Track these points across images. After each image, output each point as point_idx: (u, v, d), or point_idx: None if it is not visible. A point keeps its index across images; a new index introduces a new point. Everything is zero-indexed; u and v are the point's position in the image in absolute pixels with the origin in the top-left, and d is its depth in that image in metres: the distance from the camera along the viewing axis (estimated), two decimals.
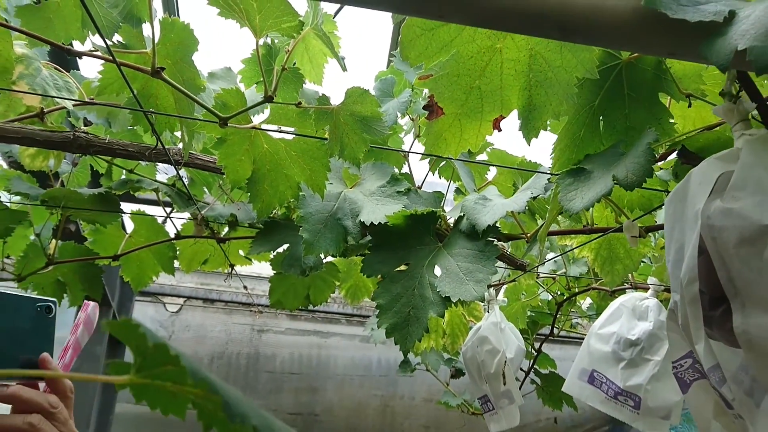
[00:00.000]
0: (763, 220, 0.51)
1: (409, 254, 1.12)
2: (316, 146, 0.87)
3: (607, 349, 1.56)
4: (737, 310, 0.54)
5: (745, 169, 0.54)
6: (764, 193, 0.52)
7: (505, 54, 0.78)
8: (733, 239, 0.53)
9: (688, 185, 0.60)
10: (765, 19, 0.51)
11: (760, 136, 0.56)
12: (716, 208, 0.55)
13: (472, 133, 0.83)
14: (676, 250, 0.61)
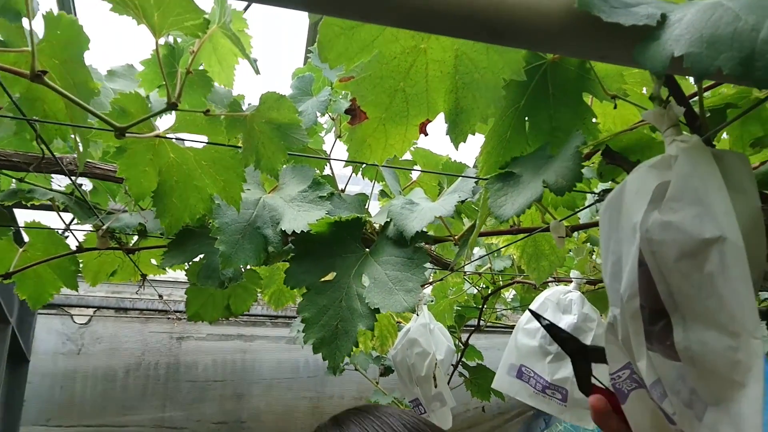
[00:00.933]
0: (703, 234, 0.50)
1: (334, 263, 1.06)
2: (229, 155, 0.80)
3: (534, 344, 1.58)
4: (678, 324, 0.52)
5: (681, 180, 0.52)
6: (701, 205, 0.51)
7: (430, 55, 0.74)
8: (672, 253, 0.51)
9: (623, 195, 0.58)
10: (698, 23, 0.49)
11: (693, 143, 0.55)
12: (654, 221, 0.52)
13: (397, 138, 0.78)
14: (613, 262, 0.59)
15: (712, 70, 0.46)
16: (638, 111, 1.04)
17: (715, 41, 0.47)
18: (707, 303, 0.50)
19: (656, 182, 0.55)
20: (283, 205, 1.13)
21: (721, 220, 0.49)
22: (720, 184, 0.51)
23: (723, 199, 0.50)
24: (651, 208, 0.54)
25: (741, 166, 0.56)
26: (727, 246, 0.49)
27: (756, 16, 0.46)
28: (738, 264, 0.48)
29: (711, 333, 0.49)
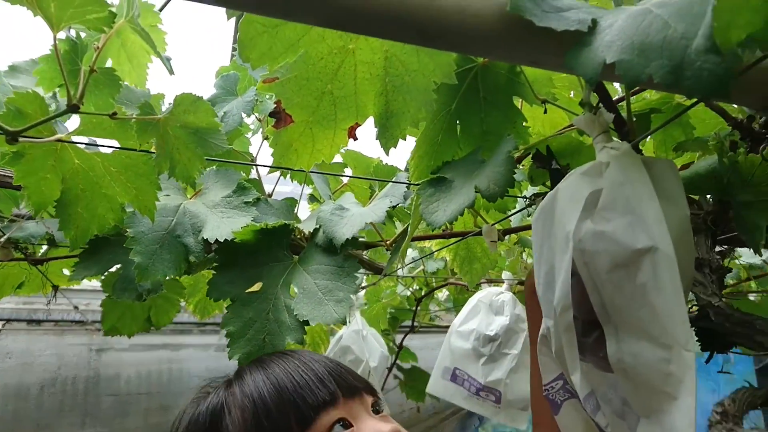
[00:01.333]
0: (635, 244, 0.49)
1: (261, 272, 1.01)
2: (142, 161, 0.73)
3: (468, 346, 1.58)
4: (610, 336, 0.51)
5: (614, 188, 0.52)
6: (633, 214, 0.50)
7: (359, 56, 0.71)
8: (605, 264, 0.50)
9: (555, 202, 0.57)
10: (629, 30, 0.49)
11: (624, 151, 0.54)
12: (587, 230, 0.51)
13: (325, 142, 0.74)
14: (546, 271, 0.57)
15: (644, 77, 0.45)
16: (567, 115, 1.05)
17: (646, 49, 0.46)
18: (640, 314, 0.49)
19: (588, 190, 0.54)
20: (206, 211, 1.07)
21: (653, 230, 0.49)
22: (651, 192, 0.51)
23: (654, 209, 0.50)
24: (584, 216, 0.53)
25: (670, 173, 0.56)
26: (659, 256, 0.48)
27: (685, 24, 0.46)
28: (669, 275, 0.48)
29: (643, 345, 0.49)
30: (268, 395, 0.61)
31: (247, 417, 0.60)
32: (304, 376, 0.63)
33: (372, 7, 0.49)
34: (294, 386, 0.61)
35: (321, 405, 0.60)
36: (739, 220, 0.74)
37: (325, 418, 0.60)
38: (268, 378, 0.63)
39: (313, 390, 0.61)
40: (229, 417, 0.62)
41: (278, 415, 0.59)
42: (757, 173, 0.69)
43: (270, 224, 0.99)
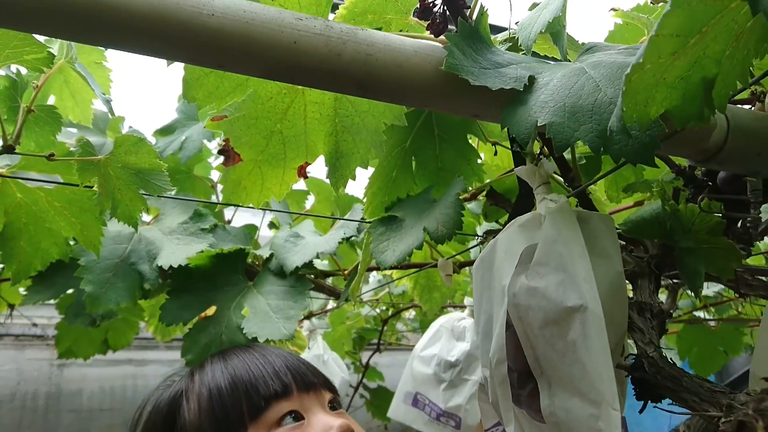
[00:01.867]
0: (566, 302, 0.49)
1: (215, 297, 1.00)
2: (86, 196, 0.72)
3: (429, 372, 1.58)
4: (544, 390, 0.52)
5: (547, 244, 0.52)
6: (565, 272, 0.51)
7: (309, 96, 0.71)
8: (537, 320, 0.51)
9: (494, 254, 0.58)
10: (563, 90, 0.49)
11: (560, 206, 0.55)
12: (521, 285, 0.52)
13: (275, 181, 0.74)
14: (485, 321, 0.58)
15: (572, 141, 0.46)
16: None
17: (577, 111, 0.47)
18: (571, 370, 0.49)
19: (524, 245, 0.54)
20: (162, 238, 1.06)
21: (583, 289, 0.50)
22: (582, 250, 0.52)
23: (584, 267, 0.51)
24: (519, 271, 0.53)
25: (606, 229, 0.57)
26: (588, 315, 0.49)
27: (614, 89, 0.47)
28: (598, 334, 0.49)
29: (574, 401, 0.49)
30: (224, 384, 0.63)
31: (203, 405, 0.62)
32: (260, 367, 0.65)
33: (310, 62, 0.49)
34: (249, 377, 0.63)
35: (273, 396, 0.62)
36: (681, 264, 0.75)
37: (276, 409, 0.61)
38: (226, 368, 0.66)
39: (267, 381, 0.63)
40: (187, 404, 0.64)
41: (231, 404, 0.61)
42: (696, 221, 0.71)
43: (225, 249, 0.98)
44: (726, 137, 0.62)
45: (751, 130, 0.64)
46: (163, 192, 0.71)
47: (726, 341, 1.93)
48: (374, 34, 0.52)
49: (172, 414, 0.64)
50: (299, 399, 0.63)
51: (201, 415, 0.62)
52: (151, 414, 0.67)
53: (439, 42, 0.54)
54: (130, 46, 0.45)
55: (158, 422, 0.65)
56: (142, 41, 0.45)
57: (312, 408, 0.64)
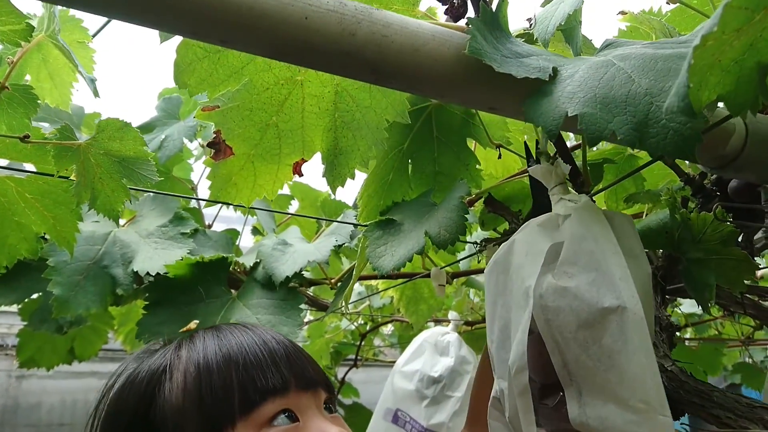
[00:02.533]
0: (601, 302, 0.46)
1: (197, 310, 0.94)
2: (62, 188, 0.66)
3: (411, 388, 1.53)
4: (572, 399, 0.48)
5: (575, 242, 0.49)
6: (598, 270, 0.47)
7: (307, 88, 0.66)
8: (569, 323, 0.47)
9: (511, 256, 0.54)
10: (591, 81, 0.46)
11: (584, 203, 0.52)
12: (549, 286, 0.48)
13: (268, 178, 0.69)
14: (501, 328, 0.54)
15: (606, 133, 0.43)
16: (520, 159, 1.04)
17: (609, 103, 0.44)
18: (607, 376, 0.46)
19: (548, 243, 0.51)
20: (138, 240, 1.00)
21: (620, 288, 0.46)
22: (615, 247, 0.48)
23: (620, 265, 0.47)
24: (544, 271, 0.50)
25: (630, 229, 0.54)
26: (627, 316, 0.45)
27: (648, 79, 0.44)
28: (640, 335, 0.45)
29: (610, 408, 0.45)
30: (216, 367, 0.54)
31: (189, 386, 0.54)
32: (259, 354, 0.56)
33: (324, 42, 0.45)
34: (246, 363, 0.55)
35: (269, 391, 0.54)
36: (688, 276, 0.72)
37: (270, 406, 0.53)
38: (220, 348, 0.56)
39: (266, 373, 0.55)
40: (169, 382, 0.55)
41: (222, 392, 0.53)
42: (708, 231, 0.68)
43: (206, 257, 0.93)
44: (744, 143, 0.60)
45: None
46: (148, 184, 0.65)
47: (705, 361, 1.93)
48: (390, 15, 0.48)
49: (151, 390, 0.55)
50: (296, 397, 0.56)
51: (185, 399, 0.53)
52: (125, 387, 0.56)
53: (457, 28, 0.51)
54: (126, 14, 0.41)
55: (131, 400, 0.55)
56: (138, 8, 0.40)
57: (308, 409, 0.56)
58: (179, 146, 1.08)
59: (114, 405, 0.56)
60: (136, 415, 0.54)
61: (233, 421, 0.52)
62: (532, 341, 0.50)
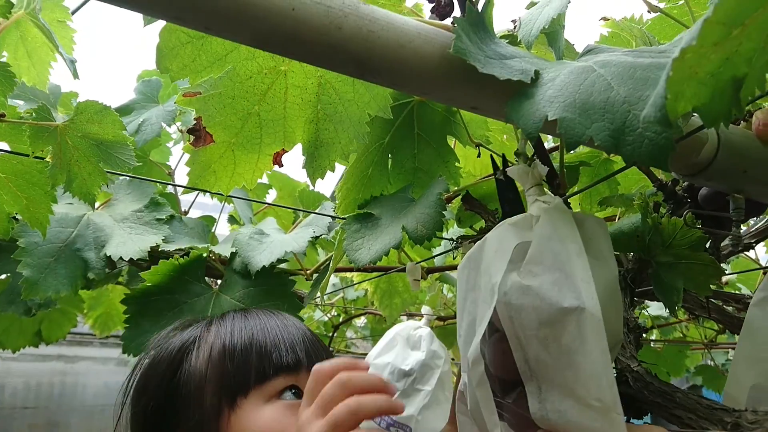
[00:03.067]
0: (561, 302, 0.47)
1: (182, 311, 0.92)
2: (36, 168, 0.65)
3: None
4: (533, 394, 0.49)
5: (542, 242, 0.50)
6: (561, 271, 0.48)
7: (291, 79, 0.66)
8: (530, 320, 0.48)
9: (482, 253, 0.55)
10: (572, 86, 0.47)
11: (555, 205, 0.53)
12: (514, 284, 0.49)
13: (247, 167, 0.69)
14: (468, 324, 0.55)
15: (584, 138, 0.44)
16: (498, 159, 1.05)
17: (588, 109, 0.45)
18: (565, 374, 0.47)
19: (516, 241, 0.52)
20: (112, 225, 0.98)
21: (580, 289, 0.47)
22: (580, 249, 0.49)
23: (582, 267, 0.48)
24: (510, 268, 0.51)
25: (600, 232, 0.55)
26: (585, 317, 0.46)
27: (627, 87, 0.45)
28: (596, 336, 0.46)
29: (568, 403, 0.47)
30: (240, 343, 0.62)
31: (214, 356, 0.61)
32: (279, 335, 0.64)
33: (309, 34, 0.45)
34: (266, 342, 0.63)
35: (282, 368, 0.61)
36: (657, 280, 0.74)
37: (281, 381, 0.60)
38: (245, 327, 0.64)
39: (281, 352, 0.62)
40: (197, 351, 0.63)
41: (241, 365, 0.60)
42: (678, 236, 0.70)
43: (181, 260, 0.91)
44: (716, 153, 0.62)
45: (740, 147, 0.64)
46: (127, 168, 0.65)
47: (669, 363, 1.97)
48: (377, 11, 0.48)
49: (180, 358, 0.62)
50: (306, 378, 0.60)
51: (209, 366, 0.61)
52: (156, 357, 0.64)
53: (442, 27, 0.51)
54: None
55: (162, 365, 0.63)
56: None
57: None
58: (157, 131, 1.07)
59: (147, 369, 0.64)
60: (164, 378, 0.61)
61: (247, 390, 0.59)
62: (497, 339, 0.51)
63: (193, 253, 0.90)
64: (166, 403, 0.60)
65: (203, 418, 0.59)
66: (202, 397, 0.60)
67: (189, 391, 0.60)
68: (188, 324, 0.68)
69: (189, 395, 0.60)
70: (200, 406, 0.59)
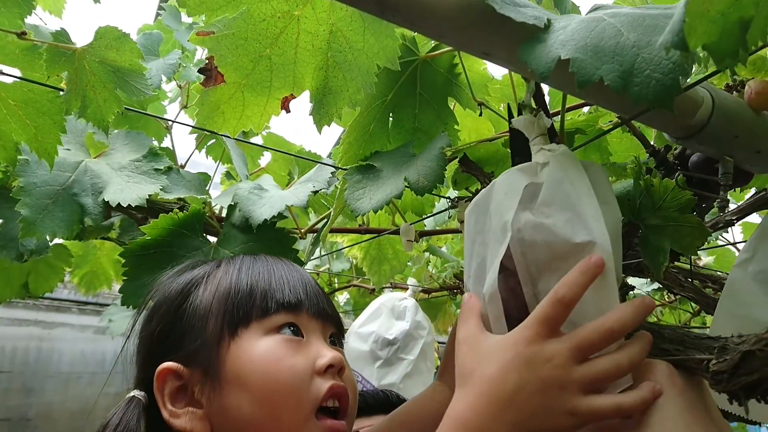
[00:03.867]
0: (574, 238, 0.49)
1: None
2: (47, 97, 0.65)
3: (366, 348, 1.57)
4: None
5: (552, 185, 0.52)
6: (572, 210, 0.50)
7: (303, 24, 0.67)
8: (544, 255, 0.50)
9: (490, 197, 0.57)
10: (583, 32, 0.49)
11: (562, 151, 0.55)
12: (527, 221, 0.51)
13: (256, 109, 0.70)
14: (478, 264, 0.56)
15: (595, 78, 0.46)
16: (493, 126, 1.07)
17: (599, 51, 0.47)
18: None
19: (526, 182, 0.54)
20: (110, 172, 0.99)
21: (591, 226, 0.49)
22: (589, 190, 0.52)
23: (592, 206, 0.50)
24: (522, 207, 0.53)
25: (603, 177, 0.58)
26: (597, 251, 0.49)
27: (637, 33, 0.47)
28: (605, 270, 0.48)
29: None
30: (246, 280, 0.65)
31: (220, 289, 0.65)
32: (284, 277, 0.66)
33: None
34: (271, 280, 0.65)
35: (283, 305, 0.64)
36: (645, 242, 0.77)
37: (281, 317, 0.63)
38: (254, 267, 0.67)
39: (284, 291, 0.65)
40: (205, 284, 0.66)
41: (245, 299, 0.63)
42: (668, 198, 0.72)
43: (181, 214, 0.92)
44: (710, 115, 0.64)
45: (733, 112, 0.66)
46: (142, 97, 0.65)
47: None
48: None
49: (189, 289, 0.66)
50: (306, 319, 0.65)
51: (215, 298, 0.64)
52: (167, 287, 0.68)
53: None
54: None
55: (171, 294, 0.66)
56: None
57: (313, 333, 0.65)
58: (157, 83, 1.07)
59: (157, 299, 0.67)
60: (172, 305, 0.65)
61: (248, 322, 0.62)
62: (502, 279, 0.53)
63: (192, 208, 0.91)
64: (172, 328, 0.63)
65: (205, 342, 0.62)
66: (205, 324, 0.63)
67: (194, 318, 0.63)
68: (199, 263, 0.71)
69: (194, 322, 0.63)
70: (203, 332, 0.62)
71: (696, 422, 0.43)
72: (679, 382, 0.46)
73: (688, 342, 0.48)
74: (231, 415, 0.60)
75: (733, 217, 1.05)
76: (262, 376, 0.60)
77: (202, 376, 0.61)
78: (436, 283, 1.65)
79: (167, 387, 0.61)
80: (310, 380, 0.61)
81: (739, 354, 0.38)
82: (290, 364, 0.61)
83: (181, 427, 0.60)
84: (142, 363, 0.66)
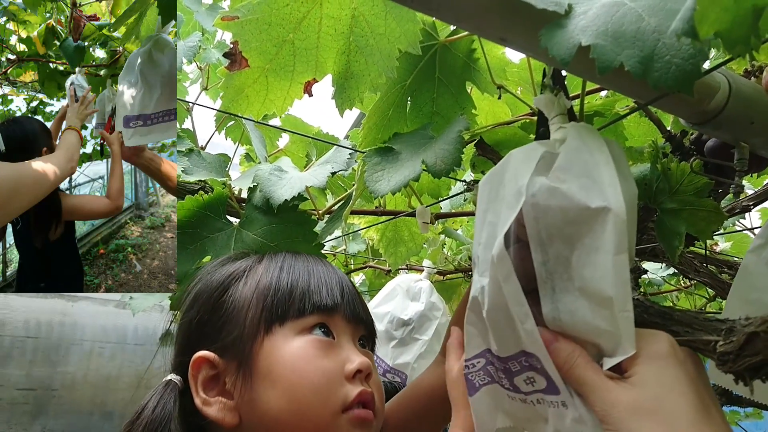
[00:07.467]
0: (588, 203, 0.49)
1: (205, 246, 0.95)
2: None
3: (381, 328, 1.59)
4: (546, 296, 0.51)
5: (570, 152, 0.53)
6: (589, 177, 0.51)
7: (326, 9, 0.69)
8: (557, 220, 0.50)
9: (507, 166, 0.57)
10: (603, 18, 0.50)
11: (582, 124, 0.56)
12: (542, 185, 0.51)
13: (279, 93, 0.72)
14: (489, 233, 0.57)
15: (615, 64, 0.47)
16: (510, 110, 1.08)
17: (619, 37, 0.48)
18: (582, 272, 0.49)
19: (543, 150, 0.54)
20: None
21: (607, 192, 0.50)
22: (608, 158, 0.52)
23: (610, 173, 0.51)
24: (538, 173, 0.53)
25: (621, 154, 0.58)
26: (611, 217, 0.49)
27: (658, 18, 0.48)
28: (619, 235, 0.48)
29: (581, 302, 0.49)
30: (287, 279, 0.67)
31: (261, 286, 0.67)
32: (323, 279, 0.69)
33: None
34: (310, 282, 0.68)
35: (319, 307, 0.66)
36: (661, 226, 0.78)
37: (314, 318, 0.65)
38: (294, 266, 0.69)
39: (322, 293, 0.67)
40: (245, 278, 0.68)
41: (283, 299, 0.66)
42: (684, 182, 0.73)
43: (206, 197, 0.94)
44: (727, 101, 0.65)
45: (750, 98, 0.67)
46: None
47: None
48: None
49: (230, 281, 0.68)
50: (339, 322, 0.67)
51: (255, 294, 0.66)
52: (210, 276, 0.70)
53: None
54: None
55: (213, 285, 0.68)
56: None
57: (344, 335, 0.67)
58: (179, 65, 1.09)
59: (200, 287, 0.70)
60: (212, 296, 0.67)
61: (284, 321, 0.64)
62: (518, 249, 0.53)
63: (216, 191, 0.93)
64: (210, 318, 0.66)
65: (241, 336, 0.64)
66: (243, 319, 0.65)
67: (232, 311, 0.66)
68: (241, 255, 0.74)
69: (231, 315, 0.65)
70: (240, 326, 0.65)
71: (692, 390, 0.44)
72: (680, 354, 0.47)
73: (696, 324, 0.49)
74: (259, 408, 0.62)
75: (750, 203, 1.05)
76: (292, 375, 0.62)
77: (235, 368, 0.63)
78: (451, 266, 1.67)
79: (201, 375, 0.63)
80: (339, 384, 0.63)
81: (744, 335, 0.39)
82: (320, 365, 0.63)
83: (212, 415, 0.62)
84: (180, 348, 0.68)
